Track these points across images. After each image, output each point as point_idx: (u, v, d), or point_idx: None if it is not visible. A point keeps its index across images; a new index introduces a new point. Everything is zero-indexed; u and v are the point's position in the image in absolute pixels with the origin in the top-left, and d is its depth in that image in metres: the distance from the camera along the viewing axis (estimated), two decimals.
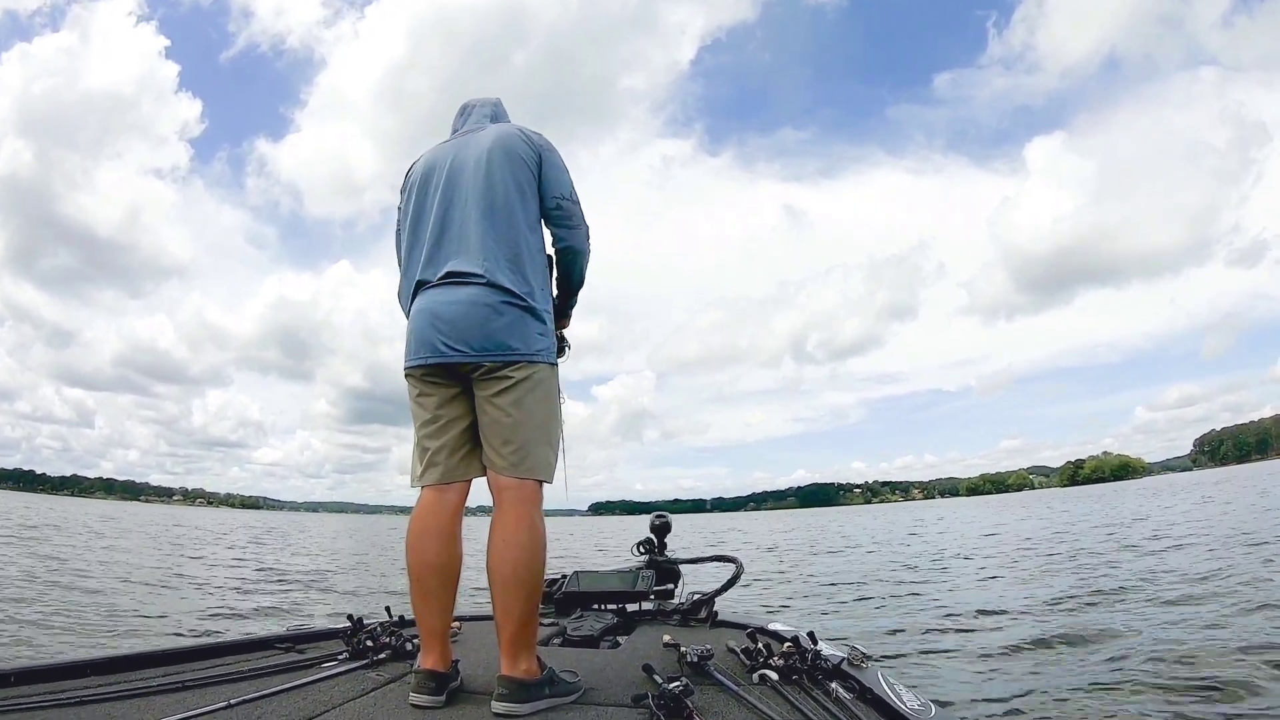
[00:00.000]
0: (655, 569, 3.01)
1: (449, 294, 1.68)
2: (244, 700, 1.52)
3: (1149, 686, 3.44)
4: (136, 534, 19.63)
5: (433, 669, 1.61)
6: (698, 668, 1.78)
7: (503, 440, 1.66)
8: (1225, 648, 3.95)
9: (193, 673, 1.73)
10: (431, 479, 1.71)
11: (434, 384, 1.72)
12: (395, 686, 1.73)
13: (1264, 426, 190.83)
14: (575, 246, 1.84)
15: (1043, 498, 69.84)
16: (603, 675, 1.84)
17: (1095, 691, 3.46)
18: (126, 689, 1.56)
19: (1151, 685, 3.45)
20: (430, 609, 1.65)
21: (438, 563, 1.65)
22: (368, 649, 1.97)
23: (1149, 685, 3.45)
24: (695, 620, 2.70)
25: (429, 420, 1.73)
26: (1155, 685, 3.44)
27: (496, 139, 1.78)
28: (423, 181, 1.81)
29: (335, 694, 1.64)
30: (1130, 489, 58.88)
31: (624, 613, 2.89)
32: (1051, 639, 4.63)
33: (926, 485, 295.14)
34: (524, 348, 1.67)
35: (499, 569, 1.59)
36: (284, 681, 1.69)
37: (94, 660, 1.74)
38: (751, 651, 1.84)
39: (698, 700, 1.49)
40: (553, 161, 1.80)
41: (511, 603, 1.57)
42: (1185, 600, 5.54)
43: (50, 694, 1.49)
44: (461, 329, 1.65)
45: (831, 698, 1.56)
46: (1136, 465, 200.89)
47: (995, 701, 3.44)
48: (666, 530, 3.14)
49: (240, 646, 2.07)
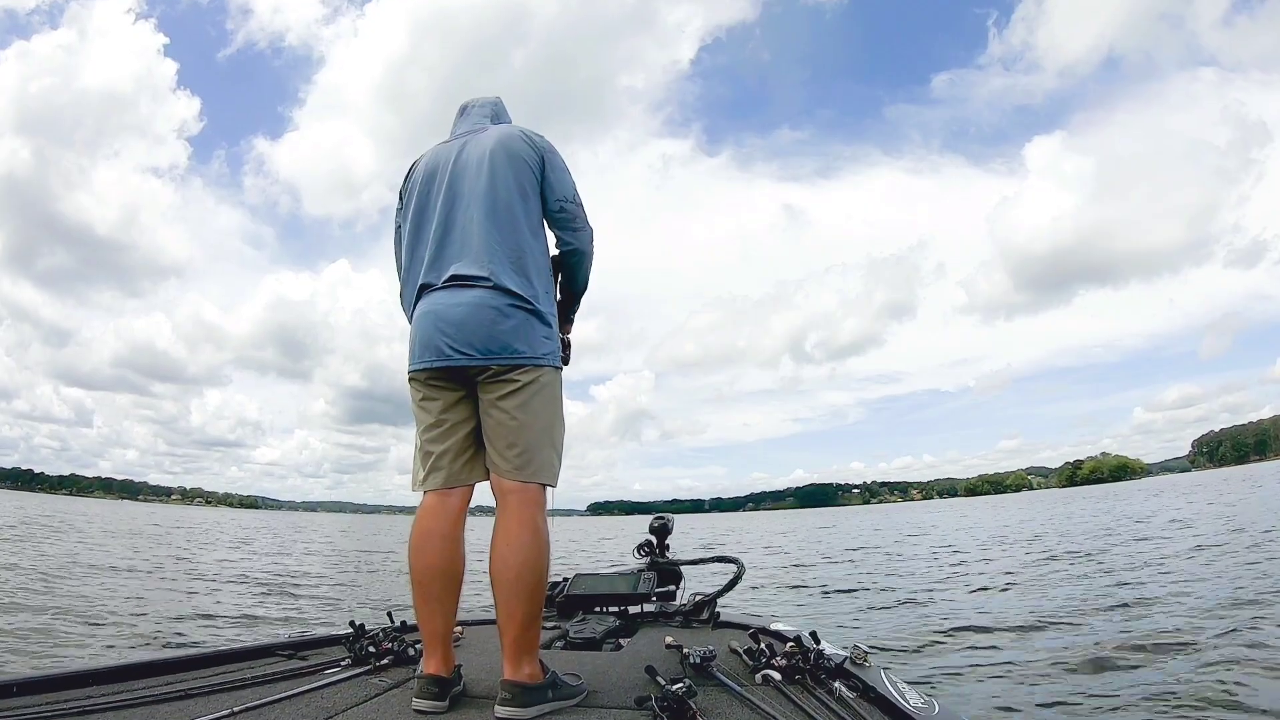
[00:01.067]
0: (657, 571, 3.01)
1: (454, 297, 1.67)
2: (246, 708, 1.51)
3: (1151, 685, 3.44)
4: (141, 535, 19.56)
5: (435, 674, 1.60)
6: (700, 669, 1.78)
7: (507, 444, 1.66)
8: (1226, 648, 3.96)
9: (195, 681, 1.72)
10: (435, 484, 1.71)
11: (438, 388, 1.71)
12: (398, 692, 1.73)
13: (1262, 427, 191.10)
14: (580, 249, 1.83)
15: (1041, 498, 69.92)
16: (605, 678, 1.84)
17: (1097, 690, 3.47)
18: (129, 698, 1.56)
19: (1152, 684, 3.45)
20: (433, 613, 1.64)
21: (440, 567, 1.65)
22: (370, 655, 1.97)
23: (1151, 684, 3.46)
24: (697, 622, 2.70)
25: (433, 424, 1.72)
26: (1156, 684, 3.45)
27: (499, 140, 1.77)
28: (425, 183, 1.80)
29: (338, 700, 1.64)
30: (1128, 490, 58.92)
31: (626, 615, 2.89)
32: (1053, 638, 4.65)
33: (925, 486, 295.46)
34: (530, 351, 1.66)
35: (502, 573, 1.58)
36: (287, 689, 1.69)
37: (96, 670, 1.73)
38: (754, 652, 1.85)
39: (701, 701, 1.49)
40: (555, 164, 1.79)
41: (514, 606, 1.57)
42: (1185, 601, 5.55)
43: (53, 705, 1.48)
44: (467, 332, 1.64)
45: (835, 697, 1.56)
46: (1135, 466, 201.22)
47: (998, 699, 3.45)
48: (667, 532, 3.14)
49: (242, 654, 2.06)
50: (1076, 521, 18.31)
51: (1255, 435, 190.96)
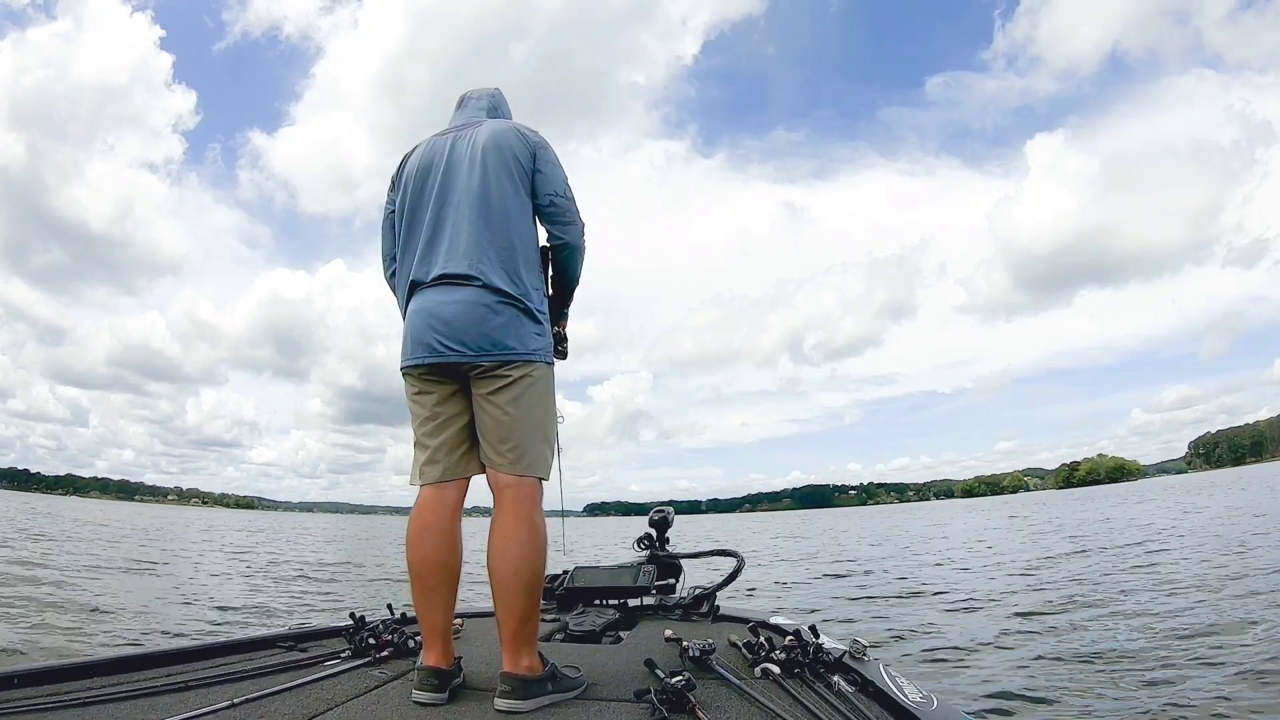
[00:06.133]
0: (656, 564, 3.02)
1: (445, 294, 1.68)
2: (247, 699, 1.52)
3: (1149, 683, 3.45)
4: (141, 536, 19.52)
5: (435, 666, 1.61)
6: (700, 662, 1.79)
7: (500, 438, 1.67)
8: (1226, 649, 3.97)
9: (195, 672, 1.73)
10: (431, 477, 1.72)
11: (431, 382, 1.72)
12: (398, 684, 1.73)
13: (1259, 429, 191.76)
14: (571, 243, 1.83)
15: (1037, 499, 70.08)
16: (605, 670, 1.85)
17: (1095, 686, 3.48)
18: (130, 690, 1.56)
19: (1151, 682, 3.47)
20: (432, 606, 1.65)
21: (438, 560, 1.66)
22: (370, 647, 1.98)
23: (1149, 682, 3.47)
24: (697, 615, 2.71)
25: (427, 418, 1.73)
26: (1155, 682, 3.46)
27: (490, 136, 1.78)
28: (419, 178, 1.80)
29: (338, 692, 1.64)
30: (1123, 491, 59.07)
31: (625, 608, 2.90)
32: (1053, 634, 4.66)
33: (922, 487, 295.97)
34: (521, 347, 1.68)
35: (500, 566, 1.59)
36: (287, 680, 1.69)
37: (97, 661, 1.74)
38: (753, 645, 1.85)
39: (700, 694, 1.50)
40: (547, 158, 1.79)
41: (513, 599, 1.58)
42: (1184, 603, 5.57)
43: (53, 696, 1.49)
44: (458, 329, 1.65)
45: (834, 691, 1.57)
46: (1131, 467, 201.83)
47: (996, 693, 3.46)
48: (667, 525, 3.15)
49: (242, 646, 2.08)
50: (1076, 522, 18.35)
51: (1251, 437, 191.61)
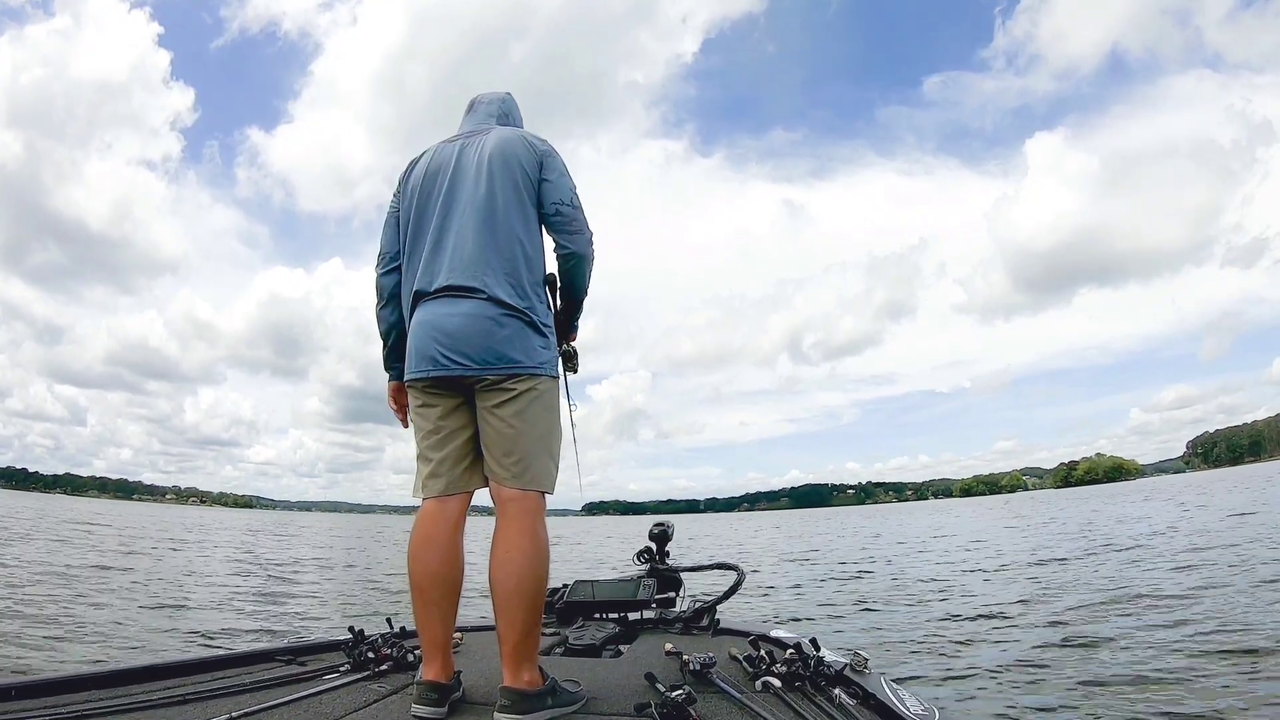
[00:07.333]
0: (656, 577, 3.00)
1: (449, 307, 1.66)
2: (245, 713, 1.51)
3: (1152, 693, 3.45)
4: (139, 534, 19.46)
5: (435, 680, 1.60)
6: (700, 676, 1.79)
7: (504, 451, 1.66)
8: (1226, 651, 3.97)
9: (193, 686, 1.72)
10: (434, 490, 1.71)
11: (436, 395, 1.71)
12: (397, 698, 1.73)
13: (1257, 429, 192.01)
14: (578, 252, 1.78)
15: (1036, 499, 70.09)
16: (605, 684, 1.84)
17: (1097, 698, 3.47)
18: (126, 703, 1.55)
19: (1154, 691, 3.46)
20: (432, 619, 1.64)
21: (440, 573, 1.65)
22: (369, 660, 1.97)
23: (1152, 692, 3.46)
24: (697, 628, 2.71)
25: (431, 431, 1.72)
26: (1158, 690, 3.46)
27: (498, 145, 1.75)
28: (425, 185, 1.78)
29: (337, 706, 1.63)
30: (1122, 491, 59.11)
31: (626, 621, 2.88)
32: (1054, 645, 4.63)
33: (920, 486, 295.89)
34: (526, 360, 1.66)
35: (502, 580, 1.58)
36: (285, 694, 1.68)
37: (93, 674, 1.73)
38: (754, 659, 1.85)
39: (701, 708, 1.50)
40: (554, 166, 1.77)
41: (514, 613, 1.57)
42: (1184, 603, 5.57)
43: (50, 709, 1.48)
44: (462, 342, 1.64)
45: (835, 704, 1.57)
46: (1130, 467, 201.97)
47: (998, 705, 3.45)
48: (667, 539, 3.13)
49: (241, 659, 2.06)
50: (1076, 523, 18.35)
51: (1249, 436, 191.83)
